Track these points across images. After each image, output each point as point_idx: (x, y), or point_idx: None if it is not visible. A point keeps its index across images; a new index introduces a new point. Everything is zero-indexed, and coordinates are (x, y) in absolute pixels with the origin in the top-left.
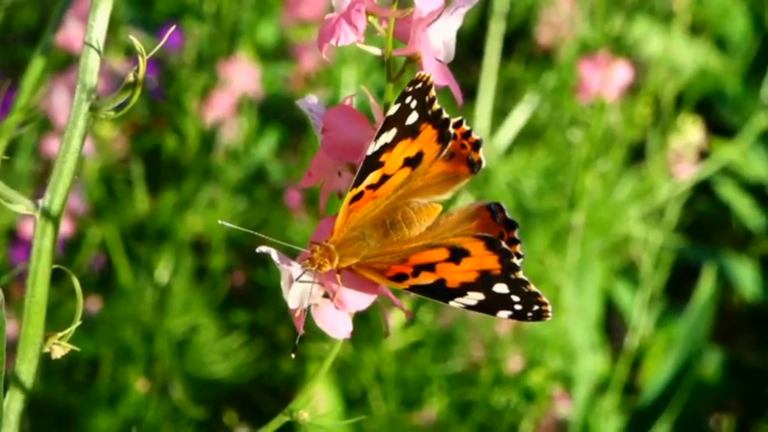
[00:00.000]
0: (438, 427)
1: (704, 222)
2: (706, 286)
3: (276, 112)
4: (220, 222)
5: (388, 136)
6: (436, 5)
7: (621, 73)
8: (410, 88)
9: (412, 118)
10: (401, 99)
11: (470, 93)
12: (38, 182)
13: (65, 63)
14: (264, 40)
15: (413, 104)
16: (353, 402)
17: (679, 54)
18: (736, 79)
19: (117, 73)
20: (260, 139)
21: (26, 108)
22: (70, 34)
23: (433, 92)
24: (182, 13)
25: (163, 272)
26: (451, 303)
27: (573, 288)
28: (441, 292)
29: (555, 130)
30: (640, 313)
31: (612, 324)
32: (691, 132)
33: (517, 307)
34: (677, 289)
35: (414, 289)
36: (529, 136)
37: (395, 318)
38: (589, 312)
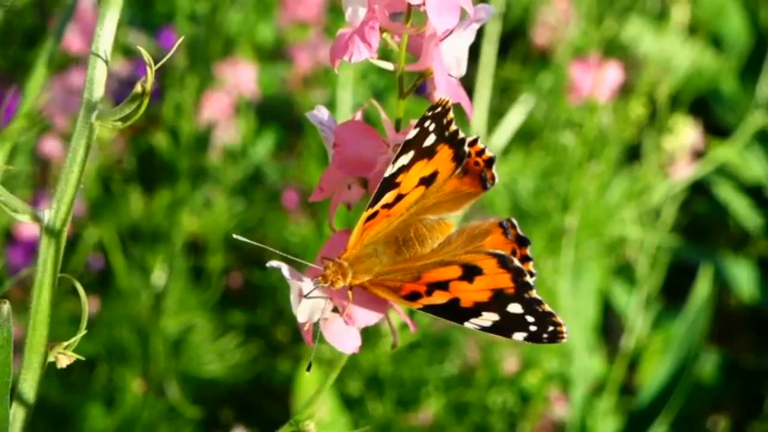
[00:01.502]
0: (434, 428)
1: (701, 222)
2: (702, 286)
3: (273, 113)
4: (234, 236)
5: (405, 159)
6: (451, 23)
7: (612, 74)
8: (429, 113)
9: (430, 140)
10: (420, 123)
11: (467, 94)
12: (35, 183)
13: (62, 64)
14: (262, 40)
15: (431, 127)
16: (350, 402)
17: (674, 53)
18: (732, 78)
19: (115, 74)
20: (258, 140)
21: (30, 114)
22: (69, 36)
23: (451, 115)
24: (182, 15)
25: (159, 273)
26: (466, 324)
27: (569, 289)
28: (455, 312)
29: (551, 131)
30: (636, 314)
31: (608, 325)
32: (686, 132)
33: (532, 328)
34: (674, 289)
35: (428, 309)
36: (525, 136)
37: (392, 320)
38: (586, 313)
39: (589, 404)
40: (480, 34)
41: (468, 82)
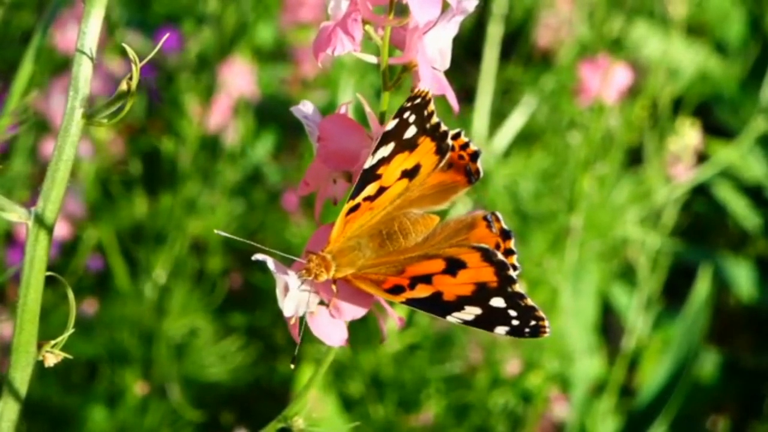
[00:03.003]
0: (435, 430)
1: (701, 222)
2: (702, 287)
3: (273, 114)
4: (216, 231)
5: (385, 150)
6: (433, 15)
7: (620, 76)
8: (409, 104)
9: (410, 132)
10: (399, 114)
11: (468, 95)
12: (35, 184)
13: (63, 65)
14: (262, 41)
15: (411, 119)
16: (351, 404)
17: (678, 57)
18: (735, 83)
19: (114, 75)
20: (257, 141)
21: (17, 111)
22: (69, 36)
23: (431, 107)
24: (179, 15)
25: (160, 274)
26: (449, 318)
27: (570, 290)
28: (438, 305)
29: (553, 133)
30: (636, 315)
31: (609, 326)
32: (688, 135)
33: (515, 322)
34: (674, 290)
35: (411, 302)
36: (527, 138)
37: (392, 321)
38: (586, 314)
39: (589, 404)
40: (482, 35)
41: (470, 84)
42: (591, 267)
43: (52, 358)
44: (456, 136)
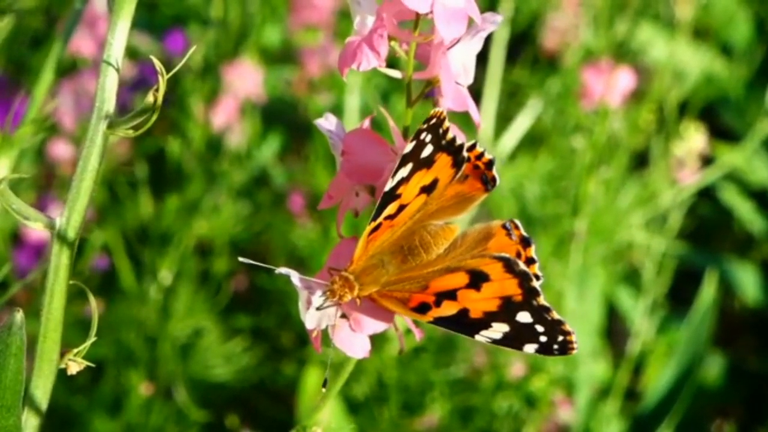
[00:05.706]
0: None
1: (706, 226)
2: (707, 291)
3: (279, 116)
4: (240, 259)
5: (404, 171)
6: (459, 32)
7: (624, 80)
8: (425, 126)
9: (427, 150)
10: (416, 137)
11: (474, 98)
12: (40, 185)
13: (71, 67)
14: (268, 43)
15: (428, 139)
16: (355, 407)
17: (683, 60)
18: (741, 85)
19: (122, 77)
20: (263, 143)
21: (37, 120)
22: (77, 39)
23: (446, 124)
24: (187, 17)
25: (166, 276)
26: (477, 337)
27: (575, 294)
28: (465, 324)
29: (559, 136)
30: (641, 319)
31: (614, 329)
32: (694, 138)
33: (543, 338)
34: (679, 294)
35: (438, 321)
36: (533, 141)
37: (398, 325)
38: (591, 317)
39: (594, 408)
40: (488, 38)
41: (476, 87)
42: (596, 270)
43: (75, 366)
44: (471, 147)
